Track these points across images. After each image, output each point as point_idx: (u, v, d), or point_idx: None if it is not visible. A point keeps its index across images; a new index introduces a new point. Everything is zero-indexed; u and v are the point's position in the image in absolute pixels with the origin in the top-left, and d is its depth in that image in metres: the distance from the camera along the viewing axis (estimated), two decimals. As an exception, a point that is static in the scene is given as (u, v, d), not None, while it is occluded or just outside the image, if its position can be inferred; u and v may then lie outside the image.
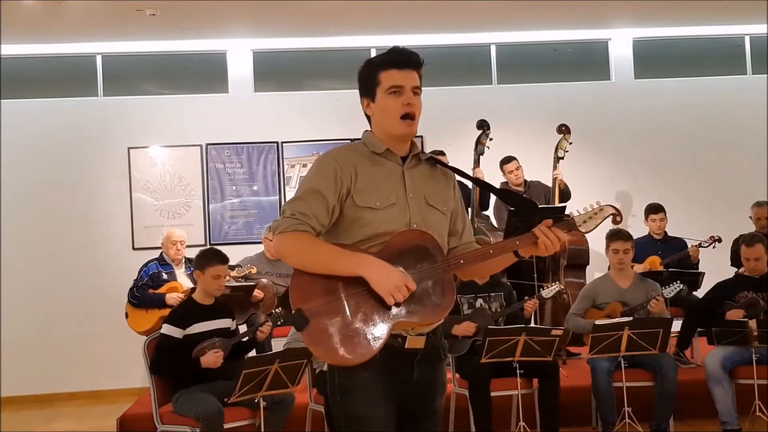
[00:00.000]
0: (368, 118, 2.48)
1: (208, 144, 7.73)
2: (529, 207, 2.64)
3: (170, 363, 4.42)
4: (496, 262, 2.46)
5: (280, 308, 4.84)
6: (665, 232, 6.65)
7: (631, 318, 4.82)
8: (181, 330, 4.45)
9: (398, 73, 2.38)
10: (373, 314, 2.24)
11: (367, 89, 2.43)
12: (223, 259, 4.65)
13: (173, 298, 5.94)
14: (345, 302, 2.25)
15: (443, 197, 2.48)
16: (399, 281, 2.22)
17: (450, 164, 2.68)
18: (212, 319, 4.55)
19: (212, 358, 4.36)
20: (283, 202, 7.72)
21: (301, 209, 2.30)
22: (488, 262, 2.42)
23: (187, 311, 4.57)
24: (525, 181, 6.87)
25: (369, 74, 2.42)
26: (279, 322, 4.64)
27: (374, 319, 2.24)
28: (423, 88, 2.44)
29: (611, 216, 2.48)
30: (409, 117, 2.38)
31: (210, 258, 4.62)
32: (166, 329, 4.46)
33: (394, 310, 2.25)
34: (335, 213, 2.34)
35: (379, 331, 2.23)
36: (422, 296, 2.28)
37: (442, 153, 6.32)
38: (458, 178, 2.60)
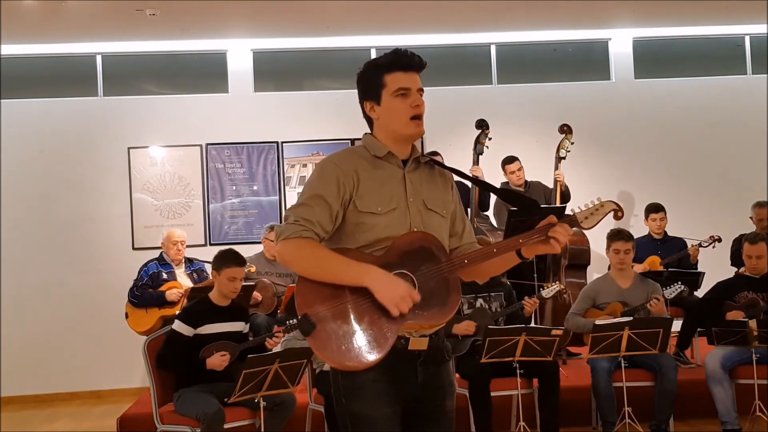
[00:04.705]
0: (369, 121, 2.45)
1: (208, 144, 7.73)
2: (529, 205, 2.60)
3: (176, 359, 4.42)
4: (500, 264, 2.43)
5: (295, 320, 4.82)
6: (665, 232, 6.65)
7: (631, 318, 4.81)
8: (191, 328, 4.45)
9: (404, 76, 2.36)
10: (380, 318, 2.22)
11: (371, 92, 2.39)
12: (241, 261, 4.64)
13: (173, 293, 5.97)
14: (351, 306, 2.23)
15: (442, 200, 2.46)
16: (404, 292, 2.21)
17: (448, 165, 2.66)
18: (225, 321, 4.54)
19: (218, 360, 4.35)
20: (283, 202, 7.74)
21: (306, 215, 2.28)
22: (492, 262, 2.39)
23: (201, 310, 4.56)
24: (526, 181, 6.86)
25: (373, 77, 2.39)
26: (292, 333, 4.62)
27: (381, 322, 2.22)
28: (423, 88, 2.43)
29: (612, 212, 2.43)
30: (418, 117, 2.38)
31: (227, 259, 4.60)
32: (178, 326, 4.46)
33: None
34: (338, 218, 2.33)
35: (386, 335, 2.22)
36: (427, 297, 2.27)
37: (436, 154, 6.31)
38: (458, 178, 2.59)
